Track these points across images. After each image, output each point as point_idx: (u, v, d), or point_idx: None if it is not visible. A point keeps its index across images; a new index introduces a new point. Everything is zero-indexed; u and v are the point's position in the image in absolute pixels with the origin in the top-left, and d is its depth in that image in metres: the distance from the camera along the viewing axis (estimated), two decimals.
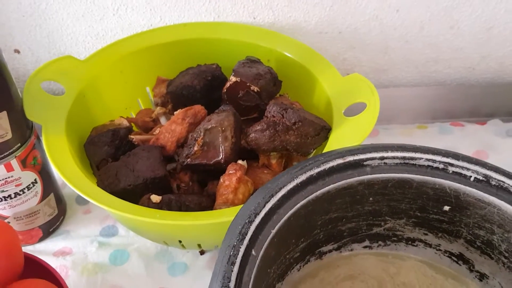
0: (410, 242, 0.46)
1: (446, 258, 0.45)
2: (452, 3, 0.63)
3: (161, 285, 0.52)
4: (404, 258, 0.46)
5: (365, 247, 0.47)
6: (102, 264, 0.53)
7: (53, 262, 0.53)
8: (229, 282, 0.32)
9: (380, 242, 0.47)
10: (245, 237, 0.36)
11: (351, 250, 0.47)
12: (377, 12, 0.63)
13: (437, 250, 0.45)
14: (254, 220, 0.37)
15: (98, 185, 0.48)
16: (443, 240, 0.44)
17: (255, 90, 0.53)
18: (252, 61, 0.56)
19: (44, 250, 0.55)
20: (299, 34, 0.65)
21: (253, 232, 0.36)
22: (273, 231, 0.38)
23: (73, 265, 0.53)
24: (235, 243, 0.35)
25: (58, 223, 0.57)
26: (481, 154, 0.64)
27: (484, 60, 0.69)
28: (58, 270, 0.45)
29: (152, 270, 0.53)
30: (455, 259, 0.44)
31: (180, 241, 0.48)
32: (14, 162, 0.49)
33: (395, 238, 0.46)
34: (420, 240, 0.46)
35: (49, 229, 0.56)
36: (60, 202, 0.57)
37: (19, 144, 0.49)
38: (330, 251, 0.46)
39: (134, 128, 0.59)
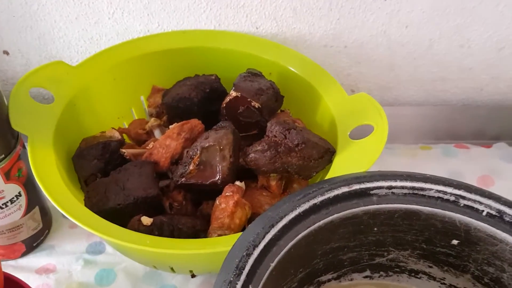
0: (413, 274, 0.44)
1: None
2: (464, 21, 0.61)
3: None
4: None
5: (366, 277, 0.45)
6: (87, 284, 0.51)
7: (36, 281, 0.51)
8: None
9: (381, 273, 0.45)
10: (242, 272, 0.34)
11: (351, 279, 0.46)
12: (385, 28, 0.61)
13: (441, 283, 0.43)
14: (252, 253, 0.35)
15: (85, 204, 0.45)
16: (449, 274, 0.43)
17: (256, 106, 0.50)
18: (254, 75, 0.54)
19: (27, 266, 0.53)
20: (302, 46, 0.63)
21: (251, 266, 0.34)
22: (272, 264, 0.36)
23: (57, 284, 0.51)
24: (231, 279, 0.34)
25: (42, 237, 0.54)
26: (486, 179, 0.62)
27: (493, 81, 0.67)
28: None
29: None
30: None
31: (171, 267, 0.45)
32: None
33: (397, 269, 0.45)
34: (424, 273, 0.44)
35: (32, 244, 0.53)
36: (46, 215, 0.54)
37: (3, 155, 0.46)
38: (329, 280, 0.44)
39: (126, 139, 0.56)
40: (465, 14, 0.61)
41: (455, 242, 0.40)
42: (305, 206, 0.38)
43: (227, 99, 0.51)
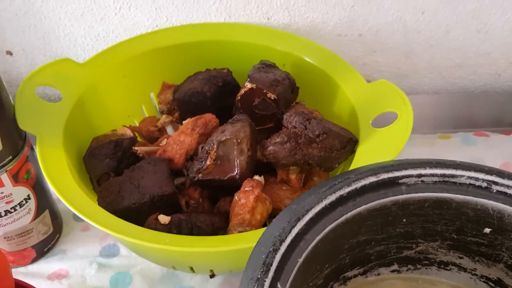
0: (442, 266, 0.43)
1: (482, 283, 0.41)
2: (481, 5, 0.59)
3: None
4: (435, 283, 0.43)
5: (393, 271, 0.44)
6: None
7: (48, 287, 0.49)
8: None
9: (409, 266, 0.43)
10: (270, 269, 0.33)
11: (378, 274, 0.44)
12: (401, 14, 0.59)
13: (472, 274, 0.42)
14: (279, 248, 0.34)
15: (99, 203, 0.43)
16: (480, 264, 0.41)
17: (272, 98, 0.49)
18: (268, 66, 0.52)
19: (38, 273, 0.51)
20: (315, 36, 0.61)
21: (279, 262, 0.33)
22: (300, 260, 0.34)
23: None
24: (259, 276, 0.32)
25: (53, 242, 0.53)
26: (508, 166, 0.61)
27: (511, 66, 0.65)
28: None
29: None
30: (492, 284, 0.41)
31: (191, 267, 0.44)
32: (5, 177, 0.44)
33: (426, 262, 0.43)
34: (454, 264, 0.42)
35: (43, 249, 0.52)
36: (56, 219, 0.52)
37: (10, 157, 0.44)
38: (355, 276, 0.43)
39: (138, 138, 0.54)
40: None
41: (487, 230, 0.38)
42: (332, 198, 0.36)
43: (242, 91, 0.49)
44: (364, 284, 0.43)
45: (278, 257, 0.33)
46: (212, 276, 0.49)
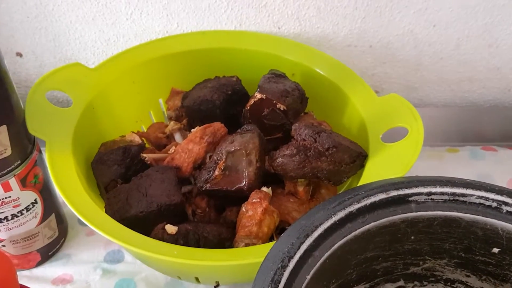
0: (449, 284, 0.43)
1: None
2: (492, 20, 0.59)
3: None
4: None
5: (399, 287, 0.43)
6: None
7: None
8: None
9: (416, 282, 0.43)
10: (278, 286, 0.33)
11: None
12: (412, 27, 0.59)
13: None
14: (288, 265, 0.34)
15: (106, 211, 0.43)
16: (487, 284, 0.41)
17: (282, 109, 0.48)
18: (278, 76, 0.52)
19: (42, 276, 0.51)
20: (325, 46, 0.61)
21: (287, 279, 0.32)
22: (308, 277, 0.34)
23: None
24: None
25: (58, 246, 0.52)
26: None
27: None
28: None
29: None
30: None
31: (196, 278, 0.43)
32: (13, 181, 0.44)
33: (433, 279, 0.43)
34: (461, 282, 0.42)
35: (48, 253, 0.52)
36: (61, 223, 0.52)
37: (19, 162, 0.44)
38: None
39: (146, 144, 0.54)
40: (494, 13, 0.59)
41: (496, 250, 0.38)
42: (341, 214, 0.36)
43: (252, 101, 0.49)
44: None
45: (286, 274, 0.32)
46: (216, 286, 0.49)
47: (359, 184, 0.40)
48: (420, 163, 0.61)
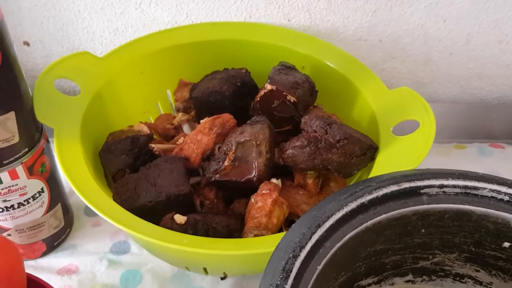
0: (458, 278, 0.42)
1: None
2: (503, 16, 0.59)
3: None
4: None
5: (408, 281, 0.43)
6: (112, 286, 0.48)
7: (57, 282, 0.49)
8: None
9: (424, 277, 0.43)
10: (289, 275, 0.32)
11: (392, 284, 0.44)
12: (423, 22, 0.59)
13: None
14: (299, 255, 0.33)
15: (114, 200, 0.43)
16: (497, 279, 0.40)
17: (292, 101, 0.48)
18: (288, 68, 0.51)
19: (47, 267, 0.50)
20: (335, 40, 0.60)
21: (298, 269, 0.32)
22: (319, 267, 0.34)
23: (79, 286, 0.48)
24: (278, 282, 0.32)
25: (64, 236, 0.52)
26: None
27: None
28: None
29: None
30: None
31: (204, 268, 0.43)
32: (20, 169, 0.44)
33: (442, 273, 0.42)
34: (470, 277, 0.42)
35: (53, 243, 0.51)
36: (67, 213, 0.52)
37: (26, 149, 0.44)
38: (369, 284, 0.42)
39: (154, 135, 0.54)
40: (505, 9, 0.58)
41: (506, 244, 0.38)
42: (352, 205, 0.36)
43: (262, 92, 0.49)
44: None
45: (298, 263, 0.32)
46: (223, 278, 0.48)
47: (370, 177, 0.39)
48: (427, 159, 0.61)
